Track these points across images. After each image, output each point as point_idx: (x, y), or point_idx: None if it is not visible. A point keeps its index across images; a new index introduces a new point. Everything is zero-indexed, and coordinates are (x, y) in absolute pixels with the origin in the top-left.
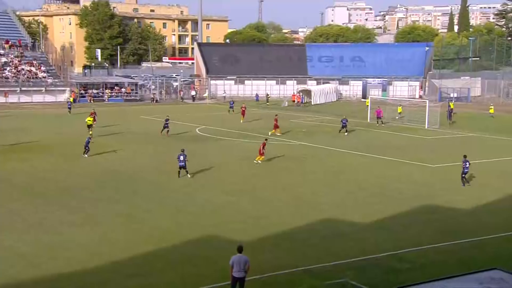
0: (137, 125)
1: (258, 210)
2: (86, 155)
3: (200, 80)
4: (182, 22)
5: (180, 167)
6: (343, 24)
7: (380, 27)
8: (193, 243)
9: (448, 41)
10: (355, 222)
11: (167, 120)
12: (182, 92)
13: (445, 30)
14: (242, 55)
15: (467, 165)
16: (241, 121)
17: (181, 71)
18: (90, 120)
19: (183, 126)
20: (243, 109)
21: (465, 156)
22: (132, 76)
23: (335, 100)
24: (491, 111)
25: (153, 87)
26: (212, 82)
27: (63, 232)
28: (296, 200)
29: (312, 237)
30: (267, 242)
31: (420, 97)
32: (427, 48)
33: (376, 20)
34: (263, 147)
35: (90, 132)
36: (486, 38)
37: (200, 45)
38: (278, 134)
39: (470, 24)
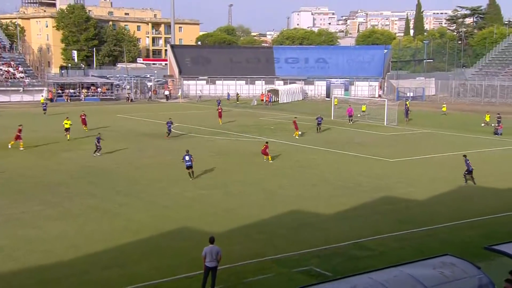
0: (113, 123)
1: (229, 203)
2: (98, 154)
3: (173, 80)
4: (156, 25)
5: (187, 167)
6: (308, 27)
7: (342, 31)
8: (167, 235)
9: (405, 44)
10: (320, 213)
11: (168, 122)
12: (150, 92)
13: (402, 34)
14: (213, 57)
15: (468, 163)
16: (220, 123)
17: (155, 71)
18: (67, 124)
19: (157, 124)
20: (220, 111)
21: (465, 156)
22: (107, 76)
23: (301, 99)
24: (444, 109)
25: (128, 87)
26: (185, 82)
27: (40, 226)
28: (265, 193)
29: (279, 228)
30: (237, 233)
31: (379, 96)
32: (385, 50)
33: (338, 24)
34: (265, 149)
35: (68, 136)
36: (439, 41)
37: (173, 47)
38: (297, 136)
39: (425, 29)
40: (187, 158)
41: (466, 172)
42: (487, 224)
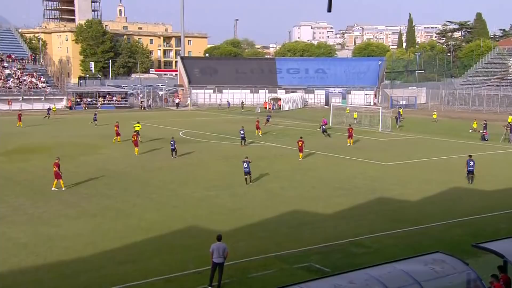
0: (126, 129)
1: (234, 204)
2: (176, 156)
3: (183, 89)
4: (167, 38)
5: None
6: (308, 40)
7: (340, 44)
8: (176, 233)
9: (398, 56)
10: (319, 213)
11: (241, 130)
12: (149, 101)
13: (395, 47)
14: (220, 67)
15: (471, 164)
16: (260, 134)
17: (166, 81)
18: (138, 127)
19: (167, 130)
20: (257, 122)
21: (470, 156)
22: (122, 86)
23: (301, 107)
24: (434, 116)
25: (141, 95)
26: (194, 91)
27: (60, 224)
28: (268, 194)
29: (281, 227)
30: (242, 232)
31: (375, 104)
32: (380, 62)
33: (336, 37)
34: (302, 144)
35: (139, 138)
36: (429, 53)
37: (182, 58)
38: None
39: (416, 42)
40: (245, 165)
41: (467, 172)
42: (474, 223)
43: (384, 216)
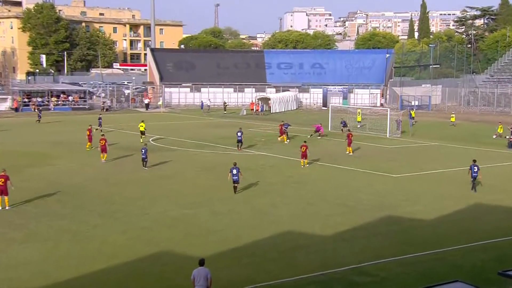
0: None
1: (215, 224)
2: (146, 168)
3: (153, 87)
4: (134, 27)
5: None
6: (302, 30)
7: (340, 33)
8: (146, 259)
9: (409, 48)
10: (316, 235)
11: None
12: (112, 101)
13: (406, 37)
14: (198, 62)
15: (475, 170)
16: (286, 142)
17: (133, 78)
18: (142, 126)
19: (135, 136)
20: (281, 127)
21: (474, 161)
22: (80, 83)
23: (295, 108)
24: (452, 119)
25: (103, 95)
26: (167, 89)
27: (4, 250)
28: (255, 212)
29: (271, 251)
30: (225, 257)
31: (381, 105)
32: (387, 55)
33: (336, 26)
34: (306, 149)
35: (142, 139)
36: (446, 45)
37: (153, 50)
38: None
39: (430, 31)
40: (234, 171)
41: (472, 179)
42: (500, 247)
43: (393, 238)
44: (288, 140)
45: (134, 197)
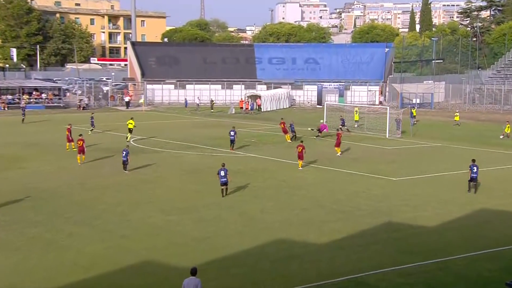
0: (61, 135)
1: (201, 231)
2: (127, 171)
3: (134, 84)
4: (113, 18)
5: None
6: (295, 22)
7: (336, 26)
8: (126, 270)
9: (410, 42)
10: (310, 243)
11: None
12: (90, 99)
13: (406, 30)
14: (183, 56)
15: (475, 170)
16: (289, 140)
17: (113, 73)
18: (131, 124)
19: (115, 137)
20: (283, 125)
21: (473, 161)
22: (54, 79)
23: (287, 106)
24: (456, 118)
25: (79, 92)
26: (149, 86)
27: None
28: (244, 219)
29: (262, 261)
30: (212, 267)
31: (380, 103)
32: (387, 49)
33: (331, 18)
34: (302, 150)
35: (128, 137)
36: (450, 38)
37: (134, 44)
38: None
39: (433, 23)
40: (222, 173)
41: (470, 180)
42: (508, 256)
43: (393, 246)
44: (291, 140)
45: (113, 203)
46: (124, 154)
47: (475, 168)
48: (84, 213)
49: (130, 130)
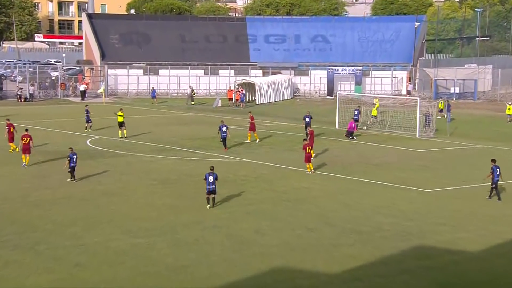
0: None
1: (178, 258)
2: (74, 179)
3: (92, 68)
4: None
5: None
6: None
7: None
8: None
9: (447, 14)
10: (318, 272)
11: (222, 126)
12: (33, 87)
13: None
14: (155, 33)
15: (498, 173)
16: (257, 141)
17: (64, 55)
18: (121, 116)
19: (67, 137)
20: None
21: (493, 161)
22: None
23: (289, 97)
24: (509, 112)
25: (20, 78)
26: (110, 71)
27: None
28: (234, 242)
29: None
30: None
31: (409, 93)
32: (417, 23)
33: None
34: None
35: (123, 132)
36: (498, 9)
37: (91, 17)
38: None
39: None
40: (211, 179)
41: (493, 185)
42: None
43: (426, 277)
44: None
45: (64, 222)
46: (74, 160)
47: (498, 170)
48: (26, 235)
49: (121, 124)
